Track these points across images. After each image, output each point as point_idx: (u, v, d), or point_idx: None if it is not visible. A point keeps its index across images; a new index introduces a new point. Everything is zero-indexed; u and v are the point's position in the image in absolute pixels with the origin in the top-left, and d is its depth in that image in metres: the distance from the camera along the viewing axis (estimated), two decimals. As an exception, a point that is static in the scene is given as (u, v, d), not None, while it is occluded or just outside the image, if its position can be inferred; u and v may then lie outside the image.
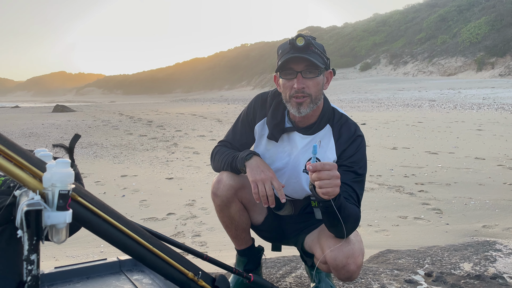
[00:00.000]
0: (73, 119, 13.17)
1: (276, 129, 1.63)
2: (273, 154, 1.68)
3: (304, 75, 1.50)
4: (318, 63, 1.48)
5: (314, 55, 1.50)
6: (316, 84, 1.52)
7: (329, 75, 1.61)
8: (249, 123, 1.75)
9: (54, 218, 0.72)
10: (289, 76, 1.52)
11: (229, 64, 79.99)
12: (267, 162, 1.67)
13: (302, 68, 1.50)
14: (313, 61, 1.47)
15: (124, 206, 4.00)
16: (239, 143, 1.75)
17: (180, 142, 8.22)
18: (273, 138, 1.64)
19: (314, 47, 1.50)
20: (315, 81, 1.52)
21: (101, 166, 6.05)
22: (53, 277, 1.26)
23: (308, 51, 1.50)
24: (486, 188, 4.34)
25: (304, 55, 1.47)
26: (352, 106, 16.17)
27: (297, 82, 1.49)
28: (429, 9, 50.46)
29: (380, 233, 3.14)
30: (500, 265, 2.38)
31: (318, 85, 1.53)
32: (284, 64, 1.50)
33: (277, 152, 1.67)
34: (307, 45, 1.48)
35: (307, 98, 1.52)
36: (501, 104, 13.92)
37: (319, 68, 1.50)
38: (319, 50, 1.52)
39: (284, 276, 2.15)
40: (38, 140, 8.50)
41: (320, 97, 1.57)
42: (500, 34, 35.11)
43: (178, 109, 17.44)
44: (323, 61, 1.53)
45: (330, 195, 1.22)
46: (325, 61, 1.54)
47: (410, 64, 41.07)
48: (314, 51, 1.50)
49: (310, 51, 1.50)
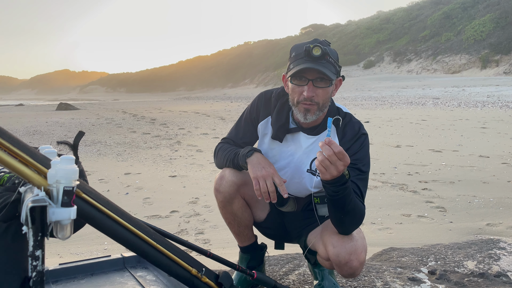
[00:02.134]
0: (77, 117, 13.22)
1: (281, 130, 1.63)
2: (277, 154, 1.68)
3: (315, 83, 1.50)
4: (331, 74, 1.48)
5: (328, 65, 1.49)
6: (325, 93, 1.53)
7: (339, 82, 1.62)
8: (252, 121, 1.75)
9: (58, 214, 0.72)
10: (300, 82, 1.52)
11: (232, 62, 79.93)
12: (271, 161, 1.67)
13: (314, 77, 1.49)
14: (327, 73, 1.47)
15: (128, 204, 4.02)
16: (242, 141, 1.76)
17: (184, 140, 8.24)
18: (277, 138, 1.65)
19: (329, 56, 1.49)
20: (326, 90, 1.52)
21: (105, 164, 6.07)
22: (58, 274, 1.27)
23: (323, 60, 1.49)
24: (490, 186, 4.32)
25: (318, 67, 1.46)
26: (355, 104, 16.13)
27: (307, 90, 1.49)
28: (433, 6, 50.16)
29: (383, 231, 3.13)
30: (504, 263, 2.37)
31: (327, 94, 1.54)
32: (297, 72, 1.50)
33: (280, 151, 1.67)
34: (323, 55, 1.47)
35: (315, 106, 1.53)
36: (505, 102, 13.84)
37: (331, 79, 1.50)
38: (333, 60, 1.51)
39: (287, 273, 2.15)
40: (42, 138, 8.54)
41: (327, 104, 1.58)
42: (504, 31, 34.85)
43: (181, 107, 17.46)
44: (335, 70, 1.53)
45: (323, 173, 1.25)
46: (337, 70, 1.54)
47: (414, 62, 40.87)
48: (329, 60, 1.50)
49: (325, 61, 1.49)
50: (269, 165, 1.53)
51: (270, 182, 1.48)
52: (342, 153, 1.21)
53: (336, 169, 1.22)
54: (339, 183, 1.27)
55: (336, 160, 1.21)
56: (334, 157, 1.21)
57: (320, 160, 1.23)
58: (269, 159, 1.66)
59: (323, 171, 1.24)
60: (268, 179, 1.48)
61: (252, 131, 1.75)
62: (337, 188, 1.28)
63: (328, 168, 1.22)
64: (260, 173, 1.49)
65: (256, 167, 1.52)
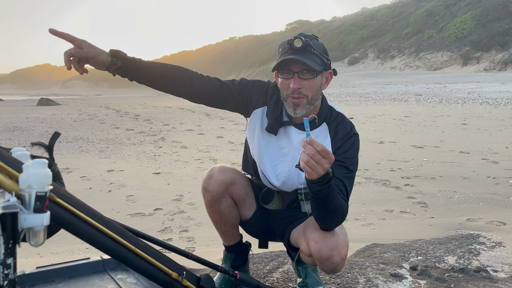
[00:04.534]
0: (58, 113, 12.95)
1: (276, 123, 1.63)
2: (269, 145, 1.68)
3: (301, 75, 1.51)
4: (315, 65, 1.49)
5: (312, 56, 1.51)
6: (313, 85, 1.53)
7: (329, 76, 1.62)
8: (243, 93, 1.68)
9: (30, 221, 0.70)
10: (287, 75, 1.54)
11: (218, 57, 79.47)
12: (262, 152, 1.68)
13: (299, 69, 1.51)
14: (308, 64, 1.48)
15: (111, 202, 3.96)
16: (210, 85, 1.65)
17: (168, 137, 8.16)
18: (272, 131, 1.65)
19: (313, 48, 1.51)
20: (312, 82, 1.53)
21: (87, 160, 5.97)
22: (34, 278, 1.23)
23: (307, 52, 1.51)
24: (470, 181, 4.41)
25: (300, 57, 1.48)
26: (340, 100, 16.24)
27: (293, 82, 1.51)
28: (416, 3, 50.77)
29: (366, 227, 3.17)
30: (484, 258, 2.43)
31: (315, 86, 1.54)
32: (281, 64, 1.52)
33: (272, 144, 1.68)
34: (305, 46, 1.49)
35: (304, 99, 1.54)
36: (485, 98, 14.14)
37: (315, 70, 1.50)
38: (318, 51, 1.52)
39: (271, 271, 2.15)
40: (22, 134, 8.34)
41: (317, 97, 1.58)
42: (485, 29, 35.55)
43: (166, 102, 17.28)
44: (322, 62, 1.54)
45: (309, 173, 1.24)
46: (324, 62, 1.55)
47: (397, 59, 41.35)
48: (313, 52, 1.52)
49: (309, 52, 1.51)
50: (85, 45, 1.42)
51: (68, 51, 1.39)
52: (326, 151, 1.20)
53: (322, 167, 1.22)
54: (324, 181, 1.27)
55: (320, 158, 1.21)
56: (317, 155, 1.20)
57: (305, 160, 1.22)
58: (261, 150, 1.67)
59: (309, 171, 1.23)
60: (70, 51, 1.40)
61: (227, 93, 1.67)
62: (321, 186, 1.28)
63: (314, 168, 1.21)
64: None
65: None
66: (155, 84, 1.59)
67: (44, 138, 8.00)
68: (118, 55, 1.47)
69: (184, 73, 1.63)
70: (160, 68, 1.58)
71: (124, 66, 1.48)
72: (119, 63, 1.46)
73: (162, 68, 1.59)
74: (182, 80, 1.61)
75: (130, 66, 1.50)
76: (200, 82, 1.64)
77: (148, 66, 1.55)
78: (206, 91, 1.65)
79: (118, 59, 1.46)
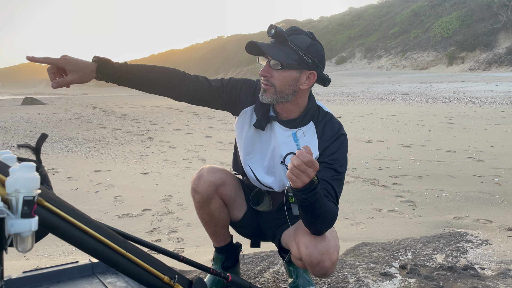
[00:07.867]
0: (43, 112, 12.72)
1: (264, 117, 1.62)
2: (256, 142, 1.67)
3: (271, 64, 1.52)
4: (284, 58, 1.48)
5: (286, 49, 1.50)
6: (282, 78, 1.51)
7: (312, 76, 1.55)
8: (231, 92, 1.68)
9: (18, 226, 0.67)
10: (262, 61, 1.57)
11: (206, 57, 79.16)
12: (249, 149, 1.66)
13: (271, 58, 1.52)
14: (269, 53, 1.49)
15: (98, 203, 3.90)
16: (198, 84, 1.64)
17: (156, 136, 8.09)
18: (260, 126, 1.63)
19: (289, 41, 1.50)
20: (282, 74, 1.51)
21: (74, 161, 5.88)
22: (21, 282, 1.20)
23: (283, 44, 1.50)
24: (457, 180, 4.47)
25: (265, 47, 1.50)
26: (328, 99, 16.32)
27: (262, 68, 1.53)
28: (402, 3, 51.36)
29: (355, 226, 3.18)
30: (471, 256, 2.46)
31: (284, 79, 1.51)
32: (248, 48, 1.54)
33: (259, 141, 1.67)
34: (278, 36, 1.49)
35: (271, 88, 1.53)
36: (470, 97, 14.37)
37: (281, 62, 1.49)
38: (296, 47, 1.50)
39: (262, 272, 2.15)
40: (6, 134, 8.17)
41: (289, 92, 1.53)
42: (470, 29, 36.16)
43: (153, 102, 17.12)
44: (299, 58, 1.50)
45: (294, 181, 1.25)
46: (303, 60, 1.51)
47: (384, 58, 41.79)
48: (290, 45, 1.50)
49: (285, 45, 1.50)
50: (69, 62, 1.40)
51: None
52: (311, 161, 1.21)
53: (308, 176, 1.23)
54: (309, 189, 1.26)
55: (305, 168, 1.21)
56: (303, 166, 1.21)
57: (290, 168, 1.23)
58: (248, 147, 1.66)
59: (294, 179, 1.24)
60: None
61: (215, 94, 1.66)
62: (307, 195, 1.27)
63: (299, 176, 1.22)
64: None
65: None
66: (143, 89, 1.59)
67: (29, 138, 7.85)
68: (103, 71, 1.45)
69: (171, 75, 1.61)
70: (147, 72, 1.56)
71: (110, 79, 1.47)
72: (103, 78, 1.45)
73: (149, 72, 1.57)
74: (169, 83, 1.60)
75: (116, 79, 1.49)
76: (188, 83, 1.63)
77: (134, 73, 1.52)
78: (194, 92, 1.64)
79: (102, 75, 1.45)
